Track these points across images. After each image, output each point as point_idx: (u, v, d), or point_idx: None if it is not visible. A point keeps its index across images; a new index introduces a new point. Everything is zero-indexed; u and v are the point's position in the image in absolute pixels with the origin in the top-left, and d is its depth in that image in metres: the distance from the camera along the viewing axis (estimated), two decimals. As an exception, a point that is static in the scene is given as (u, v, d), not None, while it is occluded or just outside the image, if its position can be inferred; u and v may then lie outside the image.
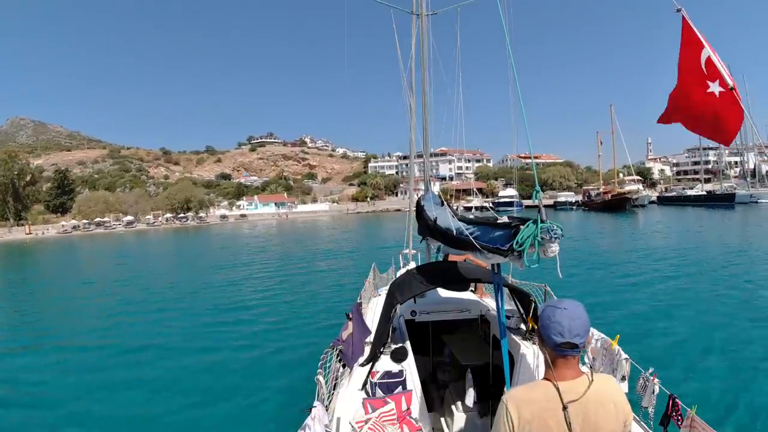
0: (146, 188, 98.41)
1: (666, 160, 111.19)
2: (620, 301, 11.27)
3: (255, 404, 6.64)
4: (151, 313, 12.81)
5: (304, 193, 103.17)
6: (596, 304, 10.51)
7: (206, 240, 41.92)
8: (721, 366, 7.08)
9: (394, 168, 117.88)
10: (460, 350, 4.75)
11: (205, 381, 7.65)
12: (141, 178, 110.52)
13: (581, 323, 1.56)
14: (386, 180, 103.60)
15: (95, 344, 10.09)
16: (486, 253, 2.79)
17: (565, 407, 1.50)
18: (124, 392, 7.33)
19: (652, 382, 3.33)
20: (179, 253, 31.69)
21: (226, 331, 10.56)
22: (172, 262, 26.15)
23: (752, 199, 52.45)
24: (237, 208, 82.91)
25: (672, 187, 79.18)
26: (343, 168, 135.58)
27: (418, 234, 5.71)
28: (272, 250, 28.60)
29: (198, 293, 15.39)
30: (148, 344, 9.85)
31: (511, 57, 2.93)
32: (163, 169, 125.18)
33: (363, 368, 3.57)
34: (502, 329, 3.11)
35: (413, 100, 7.09)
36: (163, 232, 56.56)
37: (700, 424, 2.88)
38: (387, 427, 2.97)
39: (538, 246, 2.30)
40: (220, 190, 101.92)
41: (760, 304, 10.32)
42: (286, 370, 7.90)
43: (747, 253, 17.51)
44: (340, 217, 69.96)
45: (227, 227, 59.24)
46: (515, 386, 3.34)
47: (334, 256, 23.36)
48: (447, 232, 3.88)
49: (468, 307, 4.82)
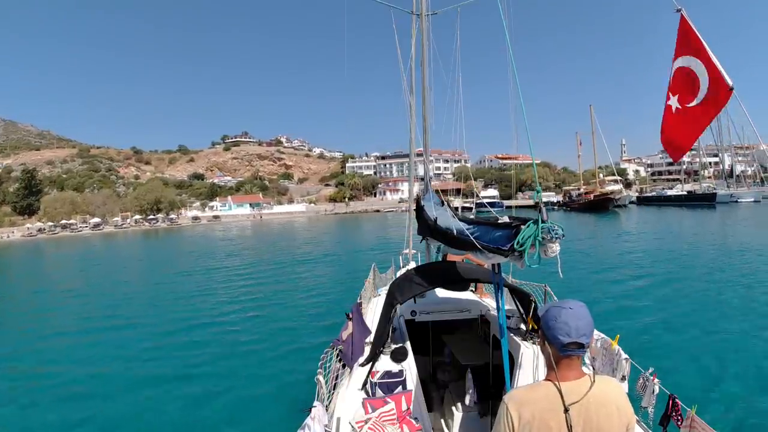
0: (115, 188, 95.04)
1: (640, 160, 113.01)
2: (621, 301, 11.27)
3: (255, 404, 6.64)
4: (119, 328, 11.39)
5: (280, 193, 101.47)
6: (596, 304, 10.51)
7: (176, 243, 40.29)
8: (721, 366, 7.09)
9: (372, 168, 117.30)
10: (460, 350, 4.74)
11: (205, 381, 7.65)
12: (110, 178, 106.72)
13: (587, 323, 1.56)
14: (365, 180, 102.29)
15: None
16: (486, 253, 2.79)
17: (566, 409, 1.49)
18: (123, 392, 7.34)
19: (651, 382, 3.34)
20: (147, 257, 30.14)
21: (224, 332, 10.56)
22: (138, 268, 24.67)
23: (732, 199, 52.91)
24: (210, 209, 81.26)
25: (651, 188, 79.59)
26: (320, 168, 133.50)
27: (418, 234, 5.70)
28: (250, 254, 27.54)
29: (176, 298, 15.23)
30: (144, 345, 9.85)
31: (512, 57, 2.93)
32: (134, 169, 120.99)
33: (363, 368, 3.57)
34: (502, 329, 3.11)
35: (413, 100, 7.07)
36: (132, 234, 54.90)
37: (700, 424, 2.88)
38: (387, 427, 2.97)
39: (539, 246, 2.30)
40: (193, 190, 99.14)
41: (760, 303, 10.33)
42: (286, 370, 7.89)
43: (744, 252, 17.54)
44: (317, 218, 68.68)
45: (199, 229, 57.64)
46: (515, 386, 3.36)
47: (314, 262, 22.10)
48: (447, 232, 3.87)
49: (468, 307, 4.82)
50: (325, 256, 24.30)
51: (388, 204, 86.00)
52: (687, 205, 52.34)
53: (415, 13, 7.13)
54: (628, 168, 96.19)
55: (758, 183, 61.56)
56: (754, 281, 12.46)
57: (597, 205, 52.59)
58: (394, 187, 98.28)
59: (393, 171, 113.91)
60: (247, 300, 13.95)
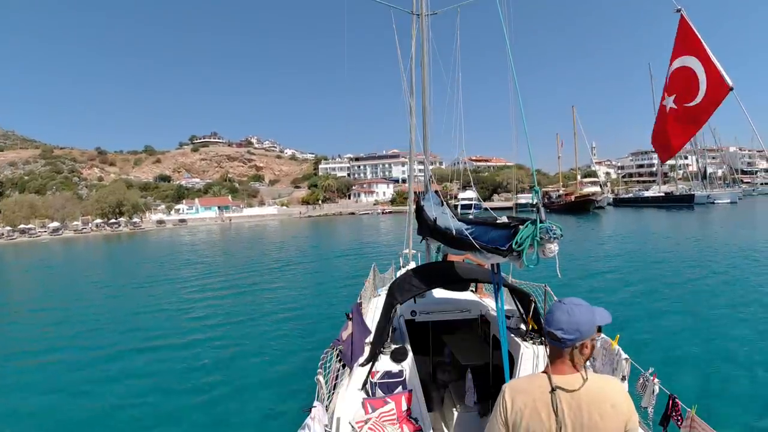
0: (77, 191, 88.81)
1: (610, 163, 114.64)
2: (621, 300, 11.28)
3: (255, 404, 6.65)
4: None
5: (251, 195, 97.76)
6: (596, 305, 10.47)
7: (140, 249, 37.13)
8: (721, 366, 7.08)
9: (346, 170, 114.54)
10: (460, 350, 4.75)
11: (205, 381, 7.66)
12: (73, 180, 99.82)
13: (570, 320, 1.60)
14: (338, 182, 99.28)
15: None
16: (485, 253, 2.80)
17: (553, 389, 1.56)
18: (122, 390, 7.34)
19: (652, 382, 3.33)
20: (110, 266, 26.83)
21: (223, 332, 10.58)
22: (99, 277, 21.29)
23: (709, 200, 53.58)
24: (176, 212, 77.01)
25: (623, 189, 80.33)
26: (292, 170, 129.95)
27: (418, 234, 5.71)
28: (220, 261, 25.12)
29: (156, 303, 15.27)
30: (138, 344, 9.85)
31: (511, 60, 2.93)
32: (98, 170, 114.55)
33: (363, 368, 3.57)
34: (502, 329, 3.12)
35: (413, 101, 7.08)
36: (93, 239, 51.03)
37: (699, 424, 2.88)
38: (387, 427, 2.98)
39: (537, 246, 2.30)
40: (159, 192, 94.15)
41: (760, 303, 10.31)
42: (286, 370, 7.90)
43: (738, 252, 17.56)
44: (290, 222, 65.98)
45: (164, 234, 54.21)
46: None
47: (290, 269, 20.11)
48: (447, 232, 3.88)
49: (468, 307, 4.82)
50: (308, 261, 22.91)
51: (363, 206, 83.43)
52: (665, 206, 52.62)
53: (415, 13, 7.13)
54: (599, 170, 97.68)
55: (728, 184, 62.54)
56: (753, 281, 12.44)
57: (578, 206, 52.41)
58: (369, 189, 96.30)
59: (367, 173, 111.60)
60: (215, 309, 13.82)
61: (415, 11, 7.14)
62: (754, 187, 68.97)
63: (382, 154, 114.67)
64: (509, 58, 2.95)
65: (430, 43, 7.04)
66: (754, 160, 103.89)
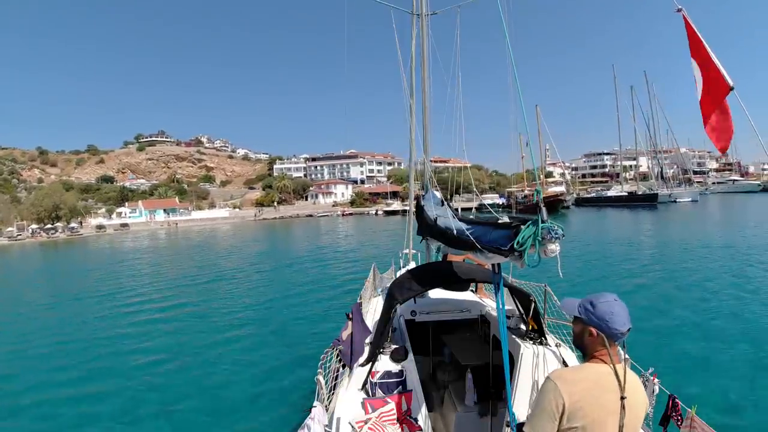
0: (16, 193, 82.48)
1: (563, 164, 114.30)
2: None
3: (255, 404, 6.65)
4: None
5: (201, 197, 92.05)
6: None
7: (77, 257, 33.55)
8: (720, 366, 7.09)
9: (302, 170, 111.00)
10: (460, 350, 4.74)
11: (205, 382, 7.66)
12: (12, 182, 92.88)
13: (626, 312, 1.72)
14: (295, 183, 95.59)
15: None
16: (486, 253, 2.79)
17: (623, 397, 1.61)
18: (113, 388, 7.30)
19: (651, 382, 3.33)
20: (39, 276, 24.29)
21: (222, 331, 10.57)
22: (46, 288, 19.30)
23: (671, 199, 54.30)
24: (117, 216, 72.34)
25: (580, 189, 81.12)
26: (245, 170, 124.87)
27: (418, 234, 5.70)
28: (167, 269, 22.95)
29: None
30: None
31: (512, 58, 2.93)
32: (38, 172, 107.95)
33: (363, 368, 3.57)
34: (503, 329, 3.11)
35: (413, 101, 7.07)
36: (30, 247, 47.15)
37: (699, 425, 2.88)
38: (387, 427, 2.98)
39: (538, 246, 2.30)
40: (101, 195, 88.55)
41: (758, 302, 10.33)
42: (286, 370, 7.90)
43: (726, 248, 17.69)
44: (244, 225, 62.07)
45: (103, 240, 49.66)
46: (516, 387, 3.35)
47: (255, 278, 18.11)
48: (447, 232, 3.87)
49: (468, 307, 4.81)
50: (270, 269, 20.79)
51: (321, 208, 80.00)
52: (629, 206, 52.94)
53: (415, 14, 7.13)
54: (554, 171, 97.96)
55: (679, 183, 63.80)
56: (752, 280, 12.46)
57: (547, 206, 52.17)
58: (327, 190, 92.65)
59: (325, 173, 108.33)
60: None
61: (414, 11, 7.14)
62: (707, 186, 70.26)
63: (340, 154, 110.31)
64: (509, 57, 2.95)
65: (430, 43, 7.05)
66: (704, 161, 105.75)
